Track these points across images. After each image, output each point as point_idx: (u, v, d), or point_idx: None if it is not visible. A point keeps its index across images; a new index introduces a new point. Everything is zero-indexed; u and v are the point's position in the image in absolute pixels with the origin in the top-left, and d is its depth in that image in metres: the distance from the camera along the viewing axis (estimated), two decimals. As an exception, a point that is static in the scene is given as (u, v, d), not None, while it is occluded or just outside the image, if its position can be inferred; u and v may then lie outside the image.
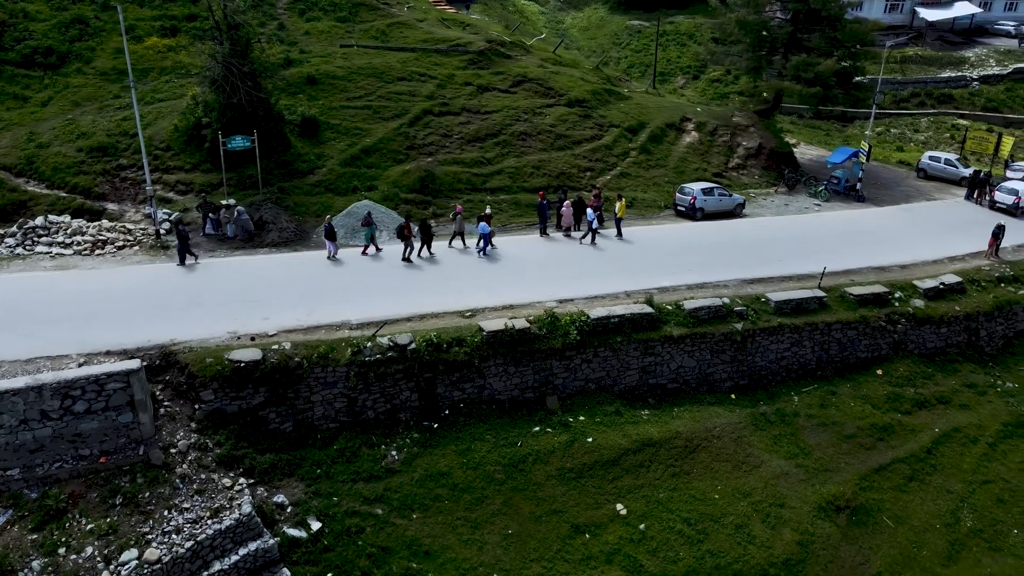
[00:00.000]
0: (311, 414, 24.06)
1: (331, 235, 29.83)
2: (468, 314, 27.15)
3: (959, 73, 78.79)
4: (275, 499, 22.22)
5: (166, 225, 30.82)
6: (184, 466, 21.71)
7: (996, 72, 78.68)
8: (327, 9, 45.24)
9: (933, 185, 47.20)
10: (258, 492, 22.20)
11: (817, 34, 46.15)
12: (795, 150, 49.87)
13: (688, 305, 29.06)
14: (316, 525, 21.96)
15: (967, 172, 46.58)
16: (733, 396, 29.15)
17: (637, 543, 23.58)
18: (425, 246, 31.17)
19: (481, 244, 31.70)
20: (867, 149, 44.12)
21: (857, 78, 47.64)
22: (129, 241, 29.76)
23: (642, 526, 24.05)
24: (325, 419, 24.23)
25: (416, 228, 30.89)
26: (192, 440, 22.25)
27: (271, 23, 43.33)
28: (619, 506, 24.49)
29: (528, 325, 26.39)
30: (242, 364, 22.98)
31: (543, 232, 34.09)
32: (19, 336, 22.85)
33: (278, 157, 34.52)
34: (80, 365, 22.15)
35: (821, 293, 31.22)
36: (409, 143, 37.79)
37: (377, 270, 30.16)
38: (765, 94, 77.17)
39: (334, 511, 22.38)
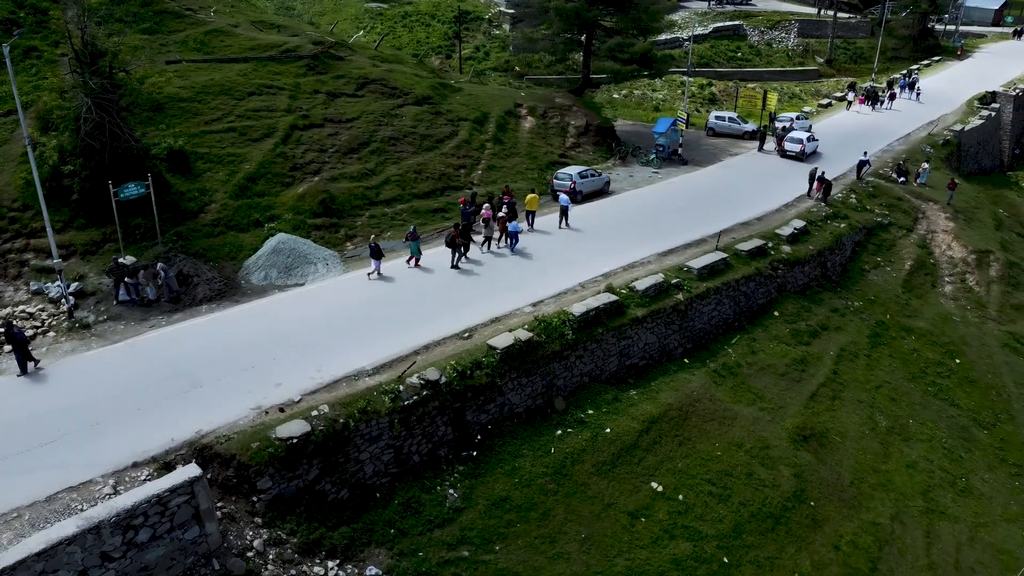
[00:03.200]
0: (362, 474, 22.52)
1: (377, 254, 29.61)
2: (466, 335, 26.80)
3: (673, 35, 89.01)
4: (368, 573, 20.73)
5: (70, 300, 25.95)
6: (269, 567, 19.47)
7: (701, 32, 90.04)
8: (127, 21, 39.49)
9: (725, 141, 53.90)
10: (348, 570, 20.57)
11: (618, 16, 49.93)
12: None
13: (639, 286, 31.19)
14: (419, 590, 20.96)
15: (749, 127, 53.99)
16: (686, 360, 32.02)
17: (685, 514, 25.58)
18: (464, 252, 31.73)
19: (510, 242, 33.41)
20: (685, 117, 49.26)
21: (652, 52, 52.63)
22: (39, 327, 24.69)
23: (680, 497, 26.08)
24: (376, 475, 22.82)
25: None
26: (265, 536, 19.91)
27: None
28: (654, 484, 26.23)
29: (531, 334, 26.77)
30: (295, 440, 20.82)
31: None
32: (18, 472, 18.53)
33: (160, 199, 30.30)
34: (115, 488, 18.70)
35: (723, 254, 35.12)
36: (291, 164, 35.09)
37: (354, 301, 28.62)
38: (518, 68, 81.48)
39: (426, 567, 21.43)
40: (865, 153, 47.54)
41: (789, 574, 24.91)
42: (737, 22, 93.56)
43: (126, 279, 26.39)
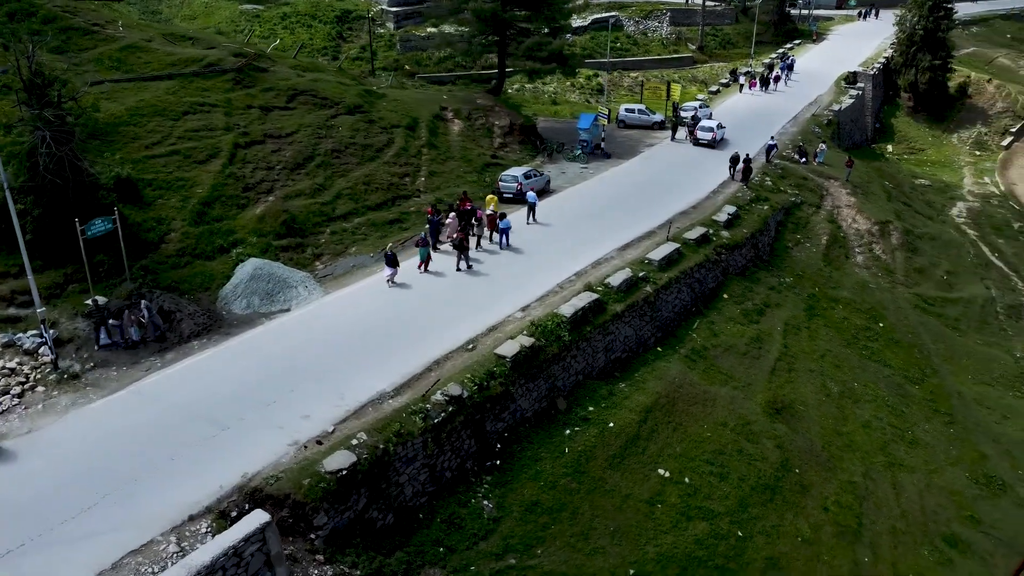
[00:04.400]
0: (403, 497, 22.49)
1: (393, 262, 30.38)
2: (470, 347, 27.07)
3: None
4: (430, 594, 20.87)
5: (53, 350, 24.16)
6: (340, 603, 19.23)
7: (580, 24, 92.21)
8: (33, 40, 36.29)
9: (637, 133, 56.04)
10: (411, 595, 20.62)
11: (532, 14, 50.74)
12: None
13: (613, 282, 32.35)
14: (477, 600, 21.28)
15: (657, 118, 56.42)
16: (659, 349, 33.53)
17: (694, 495, 27.03)
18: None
19: (502, 239, 34.85)
20: (606, 113, 50.85)
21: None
22: (24, 383, 22.85)
23: (687, 480, 27.54)
24: (415, 496, 22.84)
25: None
26: (330, 573, 19.62)
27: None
28: (661, 471, 27.55)
29: (532, 340, 27.39)
30: (344, 472, 20.56)
31: (435, 247, 33.95)
32: (71, 543, 17.37)
33: (118, 232, 28.59)
34: (180, 544, 17.92)
35: (676, 244, 36.89)
36: (242, 184, 33.82)
37: (349, 322, 28.20)
38: (408, 67, 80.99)
39: (481, 580, 21.82)
40: (772, 137, 50.92)
41: (793, 539, 26.91)
42: (613, 13, 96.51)
43: (111, 320, 24.84)
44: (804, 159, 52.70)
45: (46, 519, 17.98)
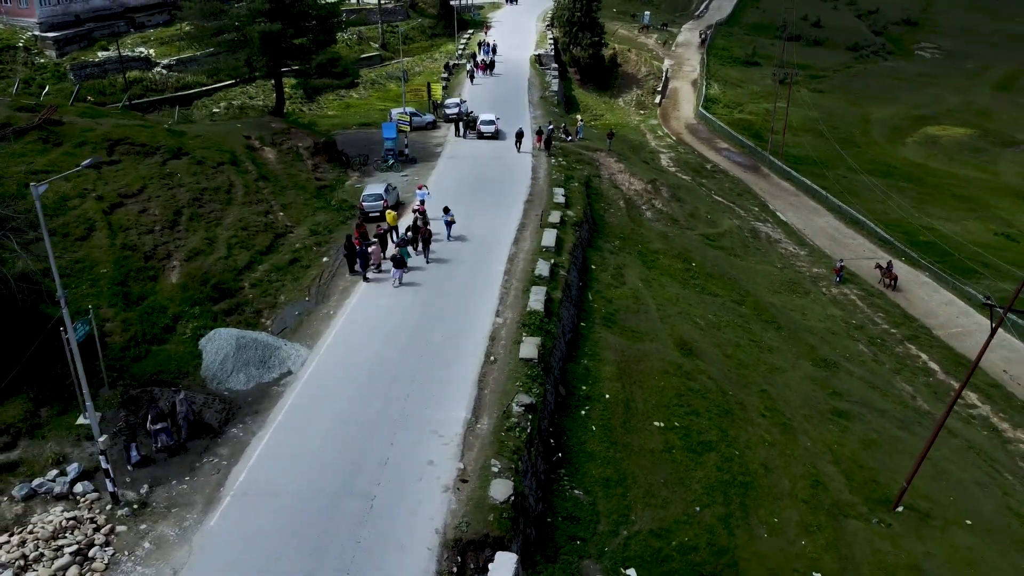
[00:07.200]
0: (530, 507, 23.37)
1: (400, 263, 32.47)
2: (492, 360, 28.04)
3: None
4: (601, 582, 22.40)
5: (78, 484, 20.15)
6: (565, 615, 20.16)
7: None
8: None
9: (419, 134, 57.50)
10: (593, 587, 22.03)
11: (299, 32, 49.49)
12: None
13: (542, 273, 34.96)
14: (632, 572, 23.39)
15: (429, 118, 58.63)
16: (583, 324, 36.90)
17: (689, 436, 31.16)
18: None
19: (448, 231, 38.24)
20: (408, 121, 51.66)
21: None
22: (97, 528, 18.99)
23: (676, 424, 31.71)
24: (536, 504, 23.84)
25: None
26: (541, 593, 20.32)
27: None
28: (656, 423, 31.34)
29: (540, 339, 29.17)
30: (513, 498, 21.10)
31: (365, 277, 33.16)
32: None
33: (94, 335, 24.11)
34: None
35: (553, 230, 40.30)
36: (140, 254, 29.61)
37: (368, 363, 27.32)
38: (90, 97, 72.78)
39: (623, 555, 23.87)
40: (550, 122, 56.28)
41: (764, 444, 32.49)
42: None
43: (157, 425, 21.37)
44: (570, 137, 59.09)
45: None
